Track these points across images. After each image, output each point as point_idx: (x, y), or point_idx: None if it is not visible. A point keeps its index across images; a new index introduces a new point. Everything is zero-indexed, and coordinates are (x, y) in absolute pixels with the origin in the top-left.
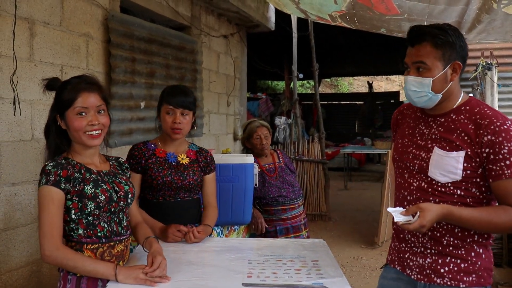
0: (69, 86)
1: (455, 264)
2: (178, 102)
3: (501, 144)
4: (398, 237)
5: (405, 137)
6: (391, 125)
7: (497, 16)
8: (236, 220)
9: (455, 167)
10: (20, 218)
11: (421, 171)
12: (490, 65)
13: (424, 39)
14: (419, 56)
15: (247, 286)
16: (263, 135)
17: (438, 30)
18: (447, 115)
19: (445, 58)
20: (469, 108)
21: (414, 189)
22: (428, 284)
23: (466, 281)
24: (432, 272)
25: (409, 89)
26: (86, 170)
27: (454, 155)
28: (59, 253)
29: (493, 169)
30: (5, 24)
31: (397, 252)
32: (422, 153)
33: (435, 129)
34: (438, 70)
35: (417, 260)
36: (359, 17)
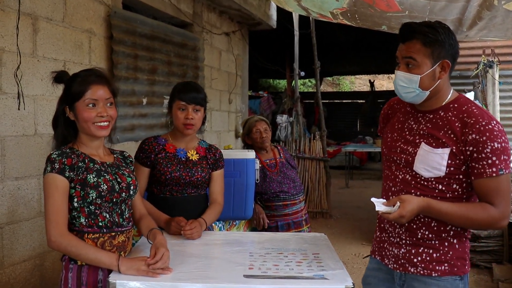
0: (79, 79)
1: (427, 254)
2: (191, 98)
3: (484, 143)
4: (380, 228)
5: (395, 132)
6: (380, 118)
7: (498, 13)
8: (237, 215)
9: (440, 163)
10: (24, 212)
11: (407, 165)
12: (491, 63)
13: (414, 36)
14: (409, 52)
15: (249, 278)
16: (262, 128)
17: (428, 28)
18: (436, 111)
19: (434, 56)
20: (458, 106)
21: (398, 181)
22: (403, 273)
23: (438, 270)
24: (406, 261)
25: (397, 84)
26: (90, 160)
27: (440, 151)
28: (64, 240)
29: (476, 167)
30: (8, 20)
31: (378, 243)
32: (410, 148)
33: (423, 125)
34: (426, 67)
35: (392, 250)
36: (360, 14)
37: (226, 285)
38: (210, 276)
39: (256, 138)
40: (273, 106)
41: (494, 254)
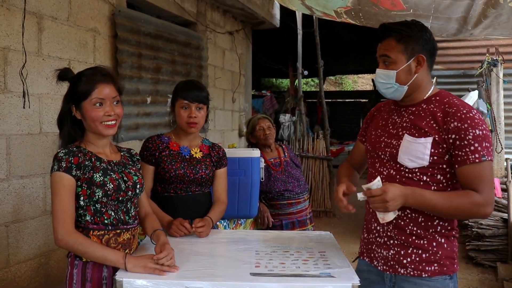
0: (85, 78)
1: (416, 255)
2: (193, 97)
3: (466, 130)
4: (367, 228)
5: (378, 128)
6: (365, 119)
7: (503, 11)
8: (242, 213)
9: (423, 152)
10: (29, 211)
11: (391, 158)
12: (495, 62)
13: (389, 34)
14: (385, 50)
15: (255, 276)
16: (265, 126)
17: (401, 26)
18: (418, 104)
19: (408, 51)
20: (439, 98)
21: (383, 177)
22: (393, 275)
23: (428, 271)
24: (396, 263)
25: (377, 81)
26: (96, 159)
27: (422, 141)
28: (71, 238)
29: (459, 155)
30: (14, 19)
31: (365, 244)
32: (393, 140)
33: (406, 118)
34: (401, 62)
35: (381, 252)
36: (365, 13)
37: (233, 283)
38: (217, 274)
39: (259, 135)
40: (276, 105)
41: (498, 253)
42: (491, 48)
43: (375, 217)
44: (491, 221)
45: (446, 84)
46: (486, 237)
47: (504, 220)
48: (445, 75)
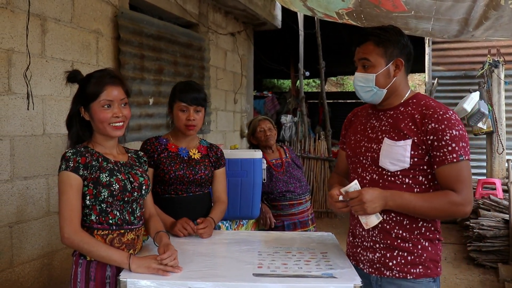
0: (94, 80)
1: (402, 257)
2: (192, 99)
3: (443, 131)
4: (352, 233)
5: (357, 133)
6: (344, 125)
7: (504, 13)
8: (244, 214)
9: (403, 155)
10: (32, 212)
11: (373, 162)
12: (497, 63)
13: (367, 38)
14: (364, 54)
15: (258, 276)
16: (266, 127)
17: (380, 30)
18: (396, 108)
19: (387, 55)
20: (416, 101)
21: (366, 182)
22: (379, 277)
23: (413, 273)
24: (382, 265)
25: (356, 84)
26: (103, 159)
27: (402, 143)
28: (77, 237)
29: (437, 155)
30: (17, 21)
31: (351, 247)
32: (373, 145)
33: (385, 121)
34: (380, 66)
35: (367, 255)
36: (366, 14)
37: (236, 283)
38: (220, 274)
39: (260, 137)
40: (278, 106)
41: (500, 254)
42: (492, 49)
43: (360, 222)
44: (492, 222)
45: (447, 85)
46: (487, 238)
47: (505, 221)
48: (446, 76)
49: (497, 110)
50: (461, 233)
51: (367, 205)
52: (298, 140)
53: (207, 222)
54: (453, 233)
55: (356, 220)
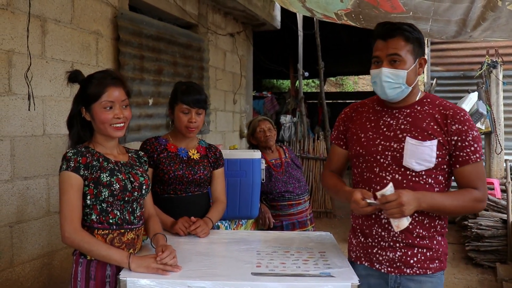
0: (95, 81)
1: (422, 254)
2: (194, 102)
3: (466, 132)
4: (363, 233)
5: (368, 131)
6: (341, 120)
7: (502, 14)
8: (243, 214)
9: (430, 155)
10: (32, 212)
11: (394, 162)
12: (495, 63)
13: (396, 33)
14: (394, 49)
15: (257, 275)
16: (266, 127)
17: (407, 26)
18: (411, 106)
19: (415, 52)
20: (430, 100)
21: (387, 182)
22: (399, 276)
23: (432, 268)
24: (402, 264)
25: (383, 80)
26: (104, 159)
27: (428, 144)
28: (77, 236)
29: (461, 155)
30: (18, 22)
31: (363, 248)
32: (393, 143)
33: (402, 120)
34: (409, 63)
35: (386, 255)
36: (365, 15)
37: (235, 282)
38: (219, 273)
39: (260, 137)
40: (277, 107)
41: (498, 254)
42: (490, 50)
43: (378, 222)
44: (490, 221)
45: (446, 86)
46: (485, 237)
47: (503, 221)
48: (445, 76)
49: (495, 111)
50: (459, 233)
51: (405, 207)
52: (297, 140)
53: (200, 221)
54: (452, 233)
55: (371, 220)
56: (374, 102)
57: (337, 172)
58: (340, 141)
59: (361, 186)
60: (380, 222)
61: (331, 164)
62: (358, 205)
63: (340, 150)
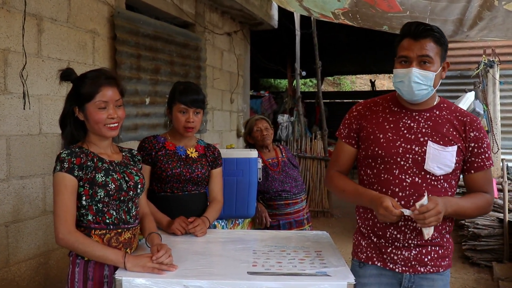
0: (89, 80)
1: (435, 252)
2: (192, 102)
3: (481, 139)
4: (375, 234)
5: (387, 132)
6: (353, 118)
7: (498, 13)
8: (240, 213)
9: (451, 160)
10: (28, 211)
11: (415, 165)
12: (492, 63)
13: (429, 34)
14: (426, 50)
15: (252, 274)
16: (262, 127)
17: (438, 29)
18: (430, 110)
19: (442, 55)
20: (447, 105)
21: (407, 185)
22: (413, 275)
23: (443, 266)
24: (417, 262)
25: (413, 81)
26: (98, 159)
27: (450, 149)
28: (71, 237)
29: (476, 161)
30: (14, 20)
31: (375, 249)
32: (415, 147)
33: (423, 123)
34: (437, 65)
35: (402, 254)
36: (362, 14)
37: (231, 281)
38: (215, 273)
39: (257, 136)
40: (274, 106)
41: (494, 253)
42: (487, 50)
43: (394, 225)
44: (487, 221)
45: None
46: (482, 237)
47: (500, 220)
48: None
49: (492, 110)
50: (456, 232)
51: (441, 215)
52: (295, 139)
53: (198, 220)
54: None
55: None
56: (389, 102)
57: (344, 172)
58: (351, 140)
59: (376, 188)
60: (397, 224)
61: (338, 163)
62: (391, 213)
63: (350, 149)
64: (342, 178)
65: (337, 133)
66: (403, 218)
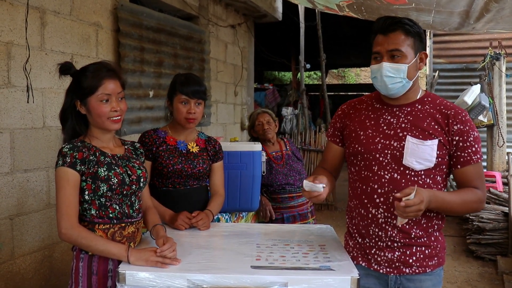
0: (90, 74)
1: (421, 252)
2: (193, 92)
3: (467, 132)
4: (360, 234)
5: (368, 129)
6: (337, 117)
7: (506, 5)
8: (244, 207)
9: (431, 154)
10: (33, 204)
11: (393, 160)
12: (498, 55)
13: (397, 27)
14: (395, 44)
15: (256, 268)
16: (264, 120)
17: (408, 21)
18: (412, 105)
19: (415, 46)
20: (431, 99)
21: (386, 181)
22: (398, 276)
23: (431, 265)
24: (401, 264)
25: (384, 75)
26: (101, 154)
27: (429, 143)
28: (74, 232)
29: (462, 156)
30: (17, 14)
31: (360, 249)
32: (393, 142)
33: (403, 118)
34: (410, 57)
35: (385, 255)
36: (367, 6)
37: (234, 275)
38: (218, 266)
39: (258, 130)
40: (279, 99)
41: (499, 247)
42: (494, 42)
43: (375, 222)
44: (491, 215)
45: (448, 78)
46: (486, 230)
47: (504, 214)
48: (447, 68)
49: (498, 103)
50: (460, 225)
51: (421, 212)
52: (299, 132)
53: (202, 214)
54: (453, 226)
55: (367, 220)
56: (372, 99)
57: (331, 170)
58: (336, 138)
59: (358, 185)
60: (377, 221)
61: (325, 161)
62: None
63: (335, 148)
64: (319, 171)
65: (326, 133)
66: (384, 215)
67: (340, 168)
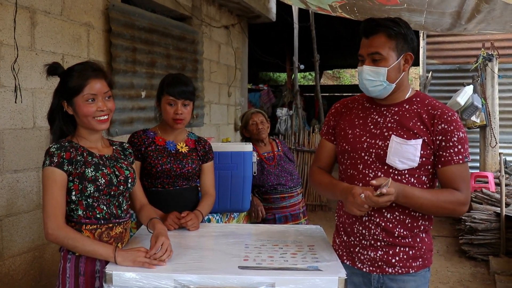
0: (76, 73)
1: (404, 253)
2: (180, 93)
3: (452, 132)
4: (346, 232)
5: (356, 128)
6: (331, 115)
7: (496, 6)
8: (234, 207)
9: (414, 154)
10: (23, 205)
11: (377, 159)
12: (491, 56)
13: (378, 30)
14: (375, 47)
15: (243, 269)
16: (258, 120)
17: (391, 22)
18: (400, 104)
19: (398, 48)
20: (420, 99)
21: (369, 179)
22: (381, 275)
23: (414, 266)
24: (384, 263)
25: (364, 78)
26: (88, 154)
27: (413, 143)
28: (61, 232)
29: (444, 155)
30: (6, 13)
31: (345, 247)
32: (378, 141)
33: (390, 118)
34: (392, 60)
35: (368, 254)
36: (359, 7)
37: (221, 276)
38: (206, 267)
39: (252, 130)
40: (273, 99)
41: (491, 247)
42: (486, 43)
43: (359, 220)
44: (484, 215)
45: (441, 79)
46: (479, 231)
47: (497, 214)
48: (440, 69)
49: (490, 104)
50: (453, 226)
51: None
52: (293, 133)
53: (192, 214)
54: (446, 226)
55: (352, 218)
56: (364, 98)
57: (325, 169)
58: (330, 136)
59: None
60: (361, 219)
61: (319, 159)
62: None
63: (329, 145)
64: (320, 172)
65: (320, 131)
66: (367, 213)
67: (333, 167)
